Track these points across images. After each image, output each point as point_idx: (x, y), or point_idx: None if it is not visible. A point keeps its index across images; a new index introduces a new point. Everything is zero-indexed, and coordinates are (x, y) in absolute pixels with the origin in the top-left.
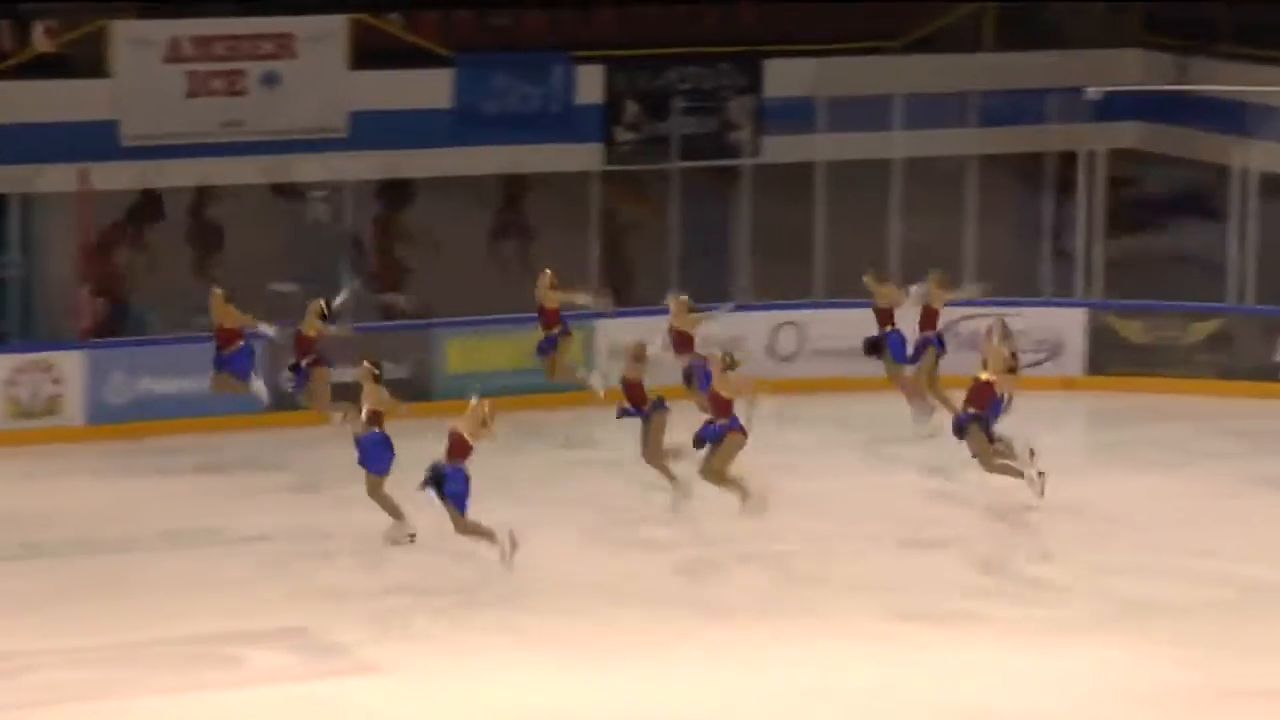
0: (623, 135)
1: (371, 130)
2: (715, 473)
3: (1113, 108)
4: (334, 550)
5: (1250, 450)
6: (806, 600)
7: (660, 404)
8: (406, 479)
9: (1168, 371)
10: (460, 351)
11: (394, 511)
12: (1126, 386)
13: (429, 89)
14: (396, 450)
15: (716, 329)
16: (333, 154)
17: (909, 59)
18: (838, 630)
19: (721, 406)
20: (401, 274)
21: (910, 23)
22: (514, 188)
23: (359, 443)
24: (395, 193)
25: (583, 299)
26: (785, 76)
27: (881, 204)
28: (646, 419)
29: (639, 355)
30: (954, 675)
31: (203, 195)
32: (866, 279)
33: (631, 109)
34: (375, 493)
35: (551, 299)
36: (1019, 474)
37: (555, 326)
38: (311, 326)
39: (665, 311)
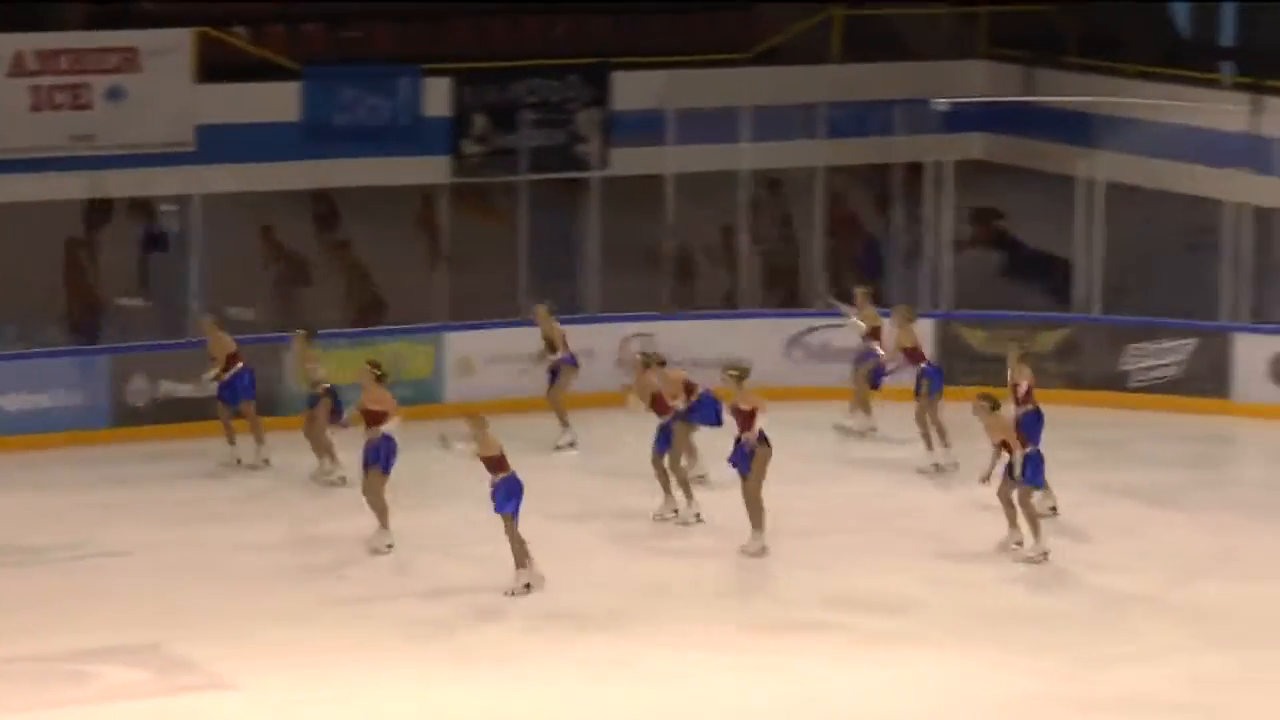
0: (471, 148)
1: (220, 144)
2: (747, 493)
3: (960, 119)
4: (188, 565)
5: (1097, 459)
6: (657, 610)
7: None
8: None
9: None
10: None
11: (384, 516)
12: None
13: (277, 102)
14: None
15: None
16: (182, 168)
17: (757, 71)
18: (689, 642)
19: (743, 419)
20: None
21: (758, 34)
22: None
23: (371, 442)
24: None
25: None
26: (634, 89)
27: (730, 215)
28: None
29: (647, 363)
30: (807, 687)
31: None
32: (859, 294)
33: (480, 121)
34: (373, 493)
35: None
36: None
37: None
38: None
39: (515, 324)
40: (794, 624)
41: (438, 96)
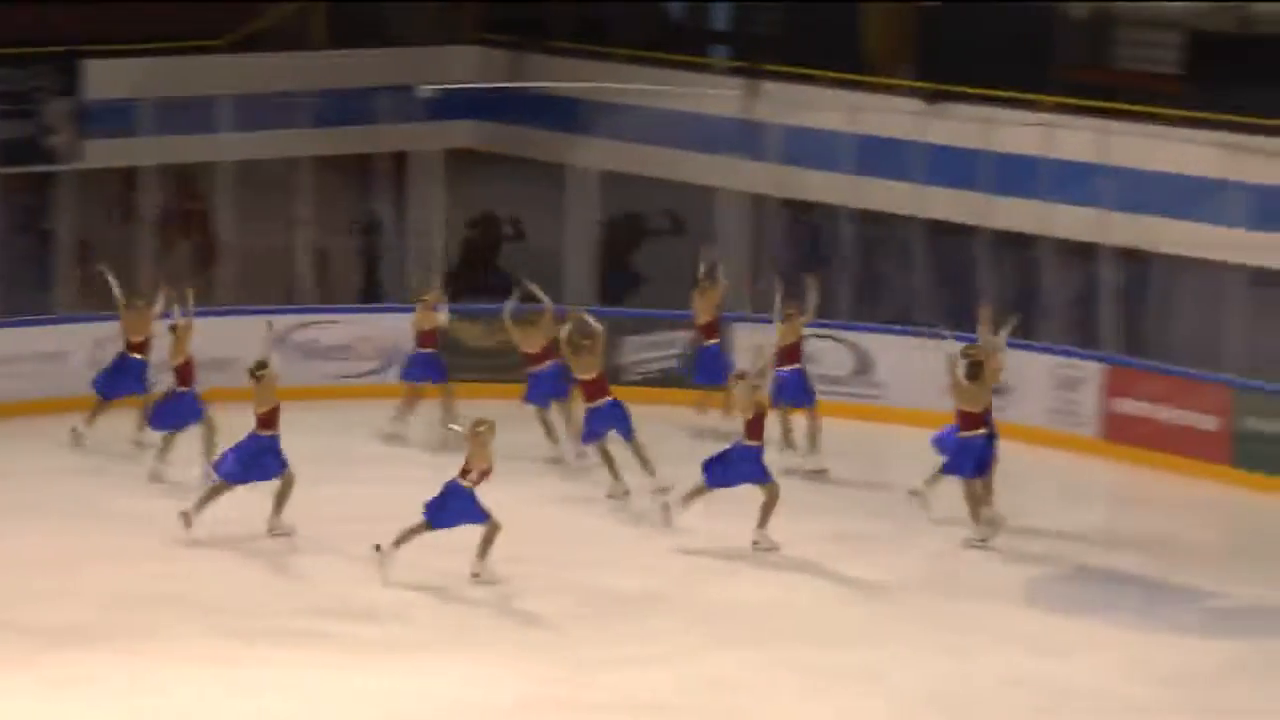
0: None
1: None
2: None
3: (448, 106)
4: None
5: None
6: (133, 624)
7: None
8: None
9: (510, 379)
10: None
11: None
12: (471, 395)
13: None
14: None
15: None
16: None
17: (235, 58)
18: (169, 654)
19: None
20: None
21: (235, 21)
22: None
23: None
24: None
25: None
26: (106, 78)
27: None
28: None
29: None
30: (296, 698)
31: None
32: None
33: None
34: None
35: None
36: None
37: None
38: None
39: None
40: (283, 634)
41: None
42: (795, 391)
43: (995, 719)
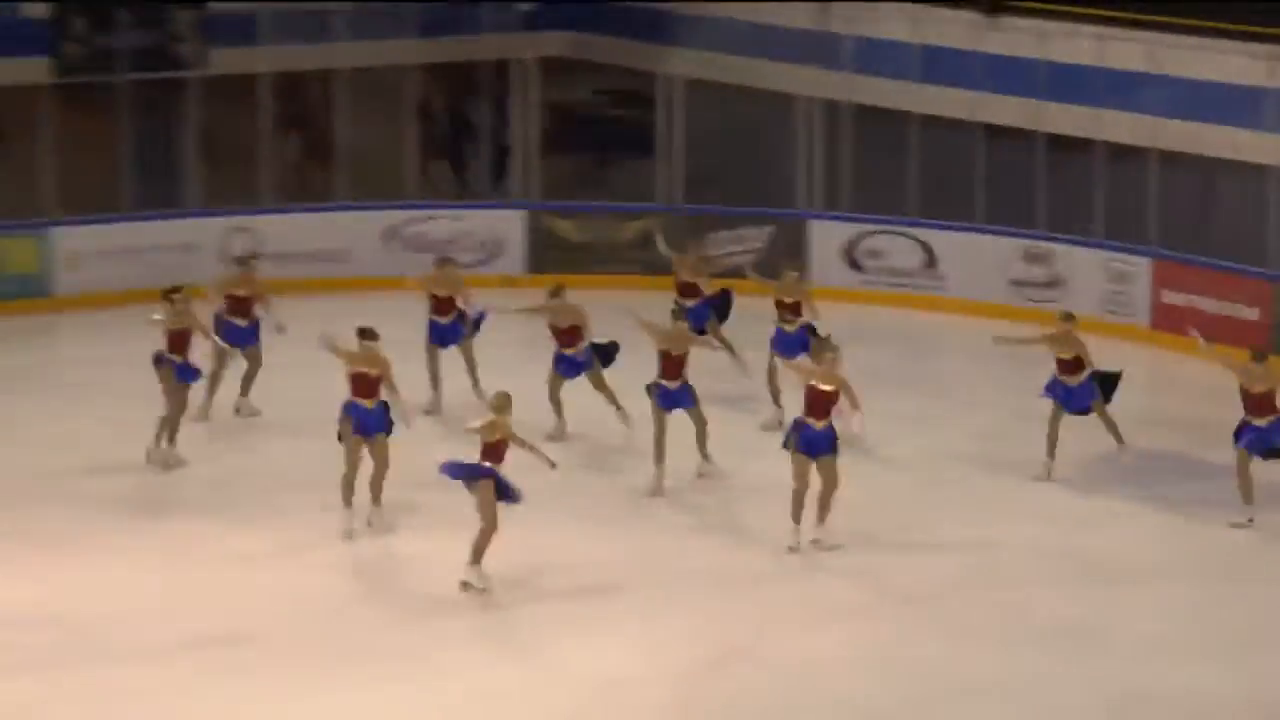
0: (71, 49)
1: None
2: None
3: (543, 18)
4: None
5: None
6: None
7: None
8: None
9: (601, 269)
10: None
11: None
12: (565, 283)
13: None
14: None
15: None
16: None
17: None
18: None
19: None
20: None
21: None
22: None
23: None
24: None
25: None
26: None
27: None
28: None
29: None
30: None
31: None
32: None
33: (78, 23)
34: None
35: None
36: None
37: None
38: None
39: (118, 219)
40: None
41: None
42: (791, 347)
43: (1026, 584)
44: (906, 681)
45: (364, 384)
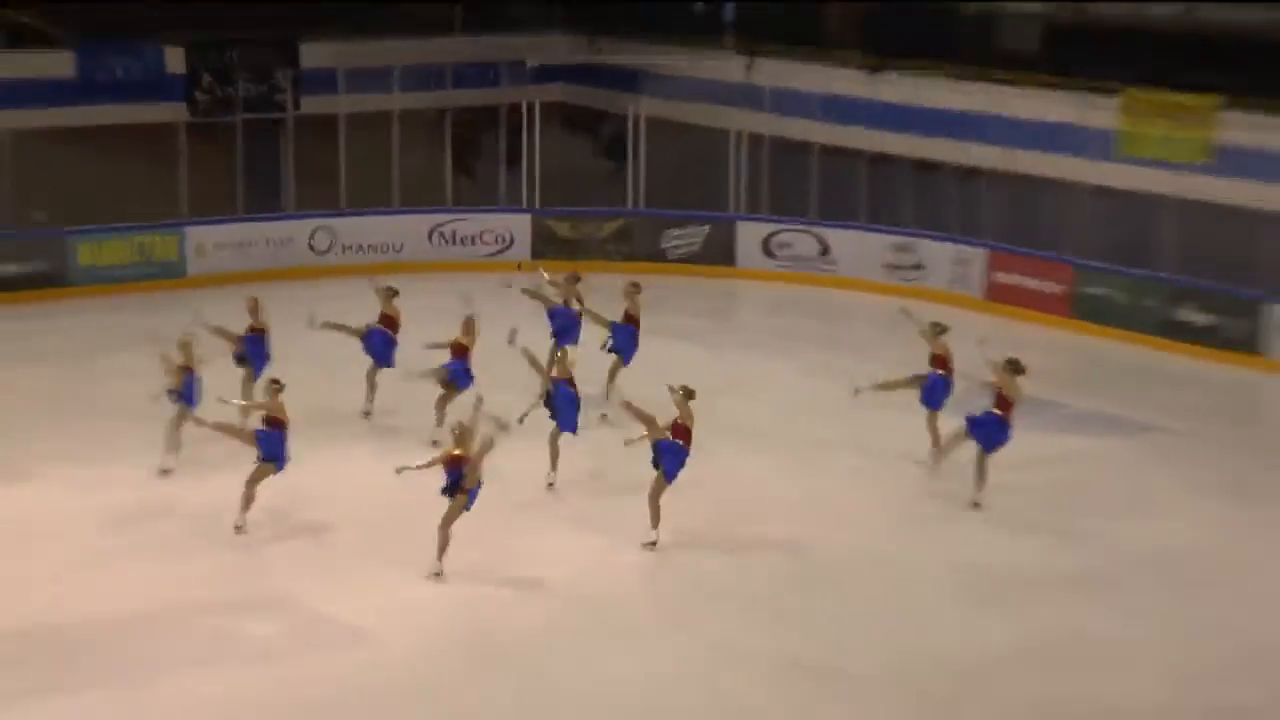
0: (200, 97)
1: (16, 93)
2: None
3: (545, 74)
4: None
5: (648, 308)
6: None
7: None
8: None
9: (588, 257)
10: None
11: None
12: (559, 268)
13: (58, 64)
14: None
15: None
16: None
17: (402, 42)
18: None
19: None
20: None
21: (406, 14)
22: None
23: None
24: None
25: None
26: (315, 55)
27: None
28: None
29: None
30: None
31: None
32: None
33: (206, 78)
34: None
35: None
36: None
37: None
38: None
39: (235, 220)
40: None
41: (175, 60)
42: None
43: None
44: None
45: None
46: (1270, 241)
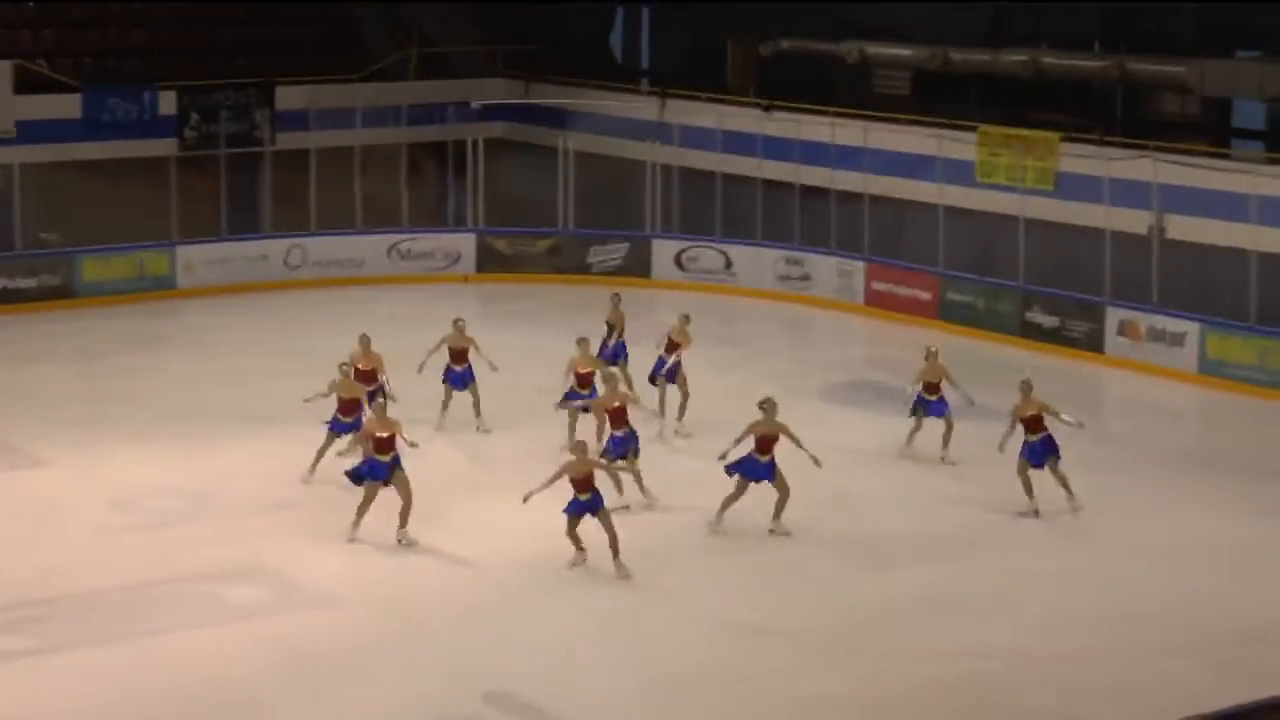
0: (189, 133)
1: (31, 131)
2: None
3: (488, 114)
4: None
5: (573, 315)
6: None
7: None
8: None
9: (524, 271)
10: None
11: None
12: (500, 280)
13: (66, 106)
14: None
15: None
16: (5, 147)
17: (366, 85)
18: None
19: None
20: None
21: (367, 61)
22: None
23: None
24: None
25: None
26: (289, 97)
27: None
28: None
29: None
30: None
31: None
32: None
33: (194, 118)
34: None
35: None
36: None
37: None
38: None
39: (220, 240)
40: None
41: (168, 102)
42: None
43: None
44: None
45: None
46: (1104, 254)
